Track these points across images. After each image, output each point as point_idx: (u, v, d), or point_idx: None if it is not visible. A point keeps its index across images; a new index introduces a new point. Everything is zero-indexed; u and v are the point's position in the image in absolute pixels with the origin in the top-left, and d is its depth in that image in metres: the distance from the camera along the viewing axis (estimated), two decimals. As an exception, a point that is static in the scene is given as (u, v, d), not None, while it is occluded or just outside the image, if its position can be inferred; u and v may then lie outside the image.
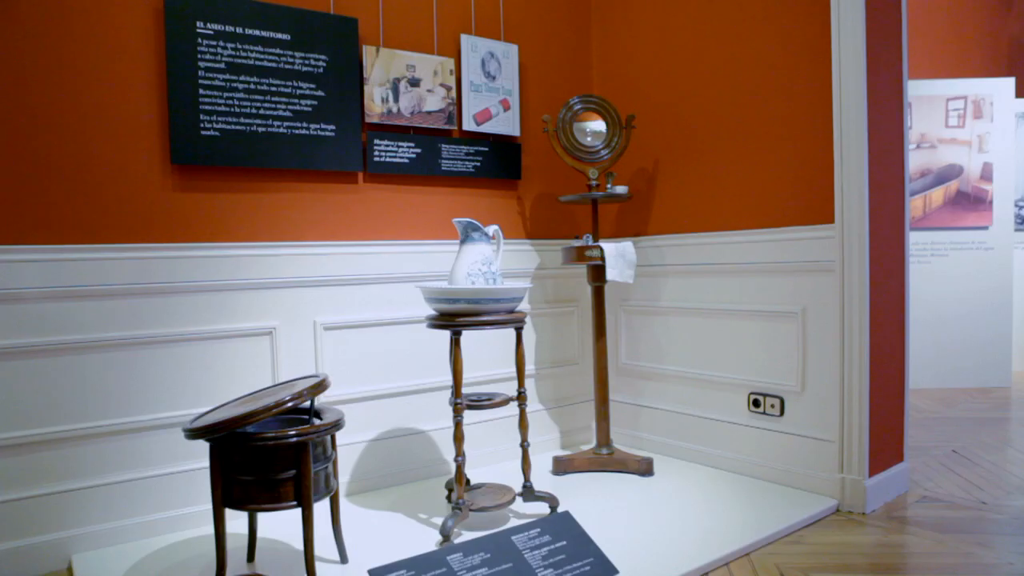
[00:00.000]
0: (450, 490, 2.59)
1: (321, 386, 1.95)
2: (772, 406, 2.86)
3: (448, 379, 3.03)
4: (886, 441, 2.72)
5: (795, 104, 2.76)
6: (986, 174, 4.94)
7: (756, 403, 2.92)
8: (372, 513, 2.63)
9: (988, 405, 4.41)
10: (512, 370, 3.22)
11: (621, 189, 2.98)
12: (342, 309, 2.82)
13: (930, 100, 4.93)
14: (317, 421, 1.99)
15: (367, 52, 2.84)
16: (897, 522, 2.50)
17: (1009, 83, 4.96)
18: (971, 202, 4.94)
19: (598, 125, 3.06)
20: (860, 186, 2.54)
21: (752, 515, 2.50)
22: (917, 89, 4.89)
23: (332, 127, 2.78)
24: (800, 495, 2.69)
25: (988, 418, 4.06)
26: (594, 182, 3.04)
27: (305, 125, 2.72)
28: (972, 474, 3.02)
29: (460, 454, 2.36)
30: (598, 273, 3.02)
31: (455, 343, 2.36)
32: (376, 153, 2.88)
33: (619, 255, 2.91)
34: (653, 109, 3.29)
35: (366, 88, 2.85)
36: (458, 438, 2.35)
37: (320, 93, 2.75)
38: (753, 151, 2.91)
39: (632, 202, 3.40)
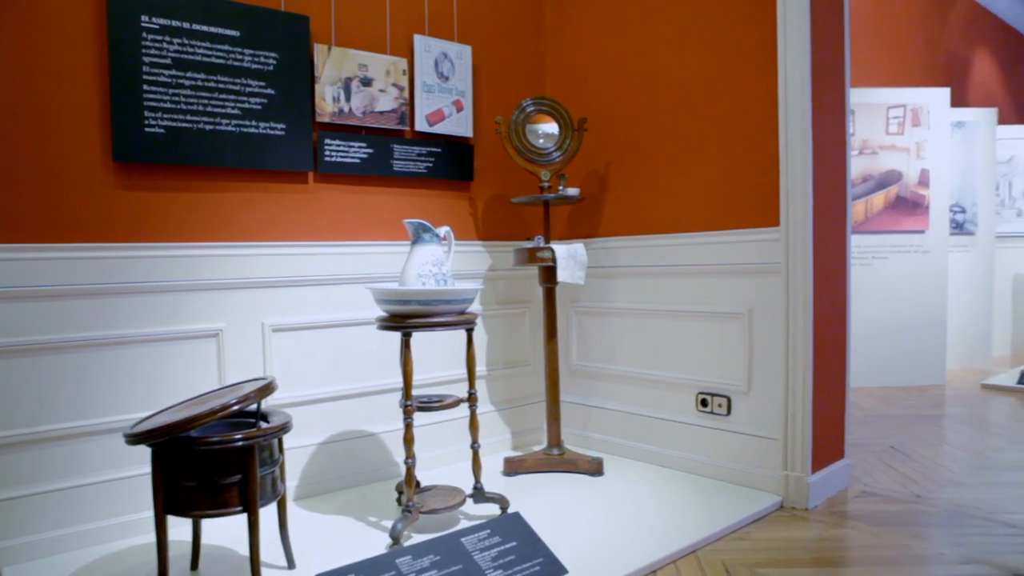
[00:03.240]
0: (400, 493, 2.58)
1: (268, 389, 1.92)
2: (720, 405, 2.92)
3: (399, 381, 3.01)
4: (828, 439, 2.80)
5: (743, 110, 2.82)
6: (923, 180, 5.12)
7: (704, 403, 2.98)
8: (321, 517, 2.60)
9: (924, 402, 4.57)
10: (463, 371, 3.21)
11: (573, 191, 3.01)
12: (291, 310, 2.78)
13: (872, 108, 5.08)
14: (264, 424, 1.96)
15: (318, 51, 2.81)
16: (838, 517, 2.57)
17: (945, 93, 5.15)
18: (909, 207, 5.12)
19: (550, 127, 3.09)
20: (804, 190, 2.61)
21: (700, 513, 2.55)
22: (860, 97, 5.04)
23: (282, 126, 2.74)
24: (746, 492, 2.75)
25: (924, 415, 4.21)
26: (546, 184, 3.06)
27: (254, 124, 2.67)
28: (908, 469, 3.12)
29: (410, 456, 2.35)
30: (549, 274, 3.04)
31: (405, 345, 2.35)
32: (327, 153, 2.85)
33: (570, 256, 2.93)
34: (605, 112, 3.33)
35: (317, 87, 2.82)
36: (408, 440, 2.34)
37: (270, 91, 2.71)
38: (703, 155, 2.97)
39: (584, 204, 3.43)
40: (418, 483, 2.55)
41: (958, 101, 6.84)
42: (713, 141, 2.92)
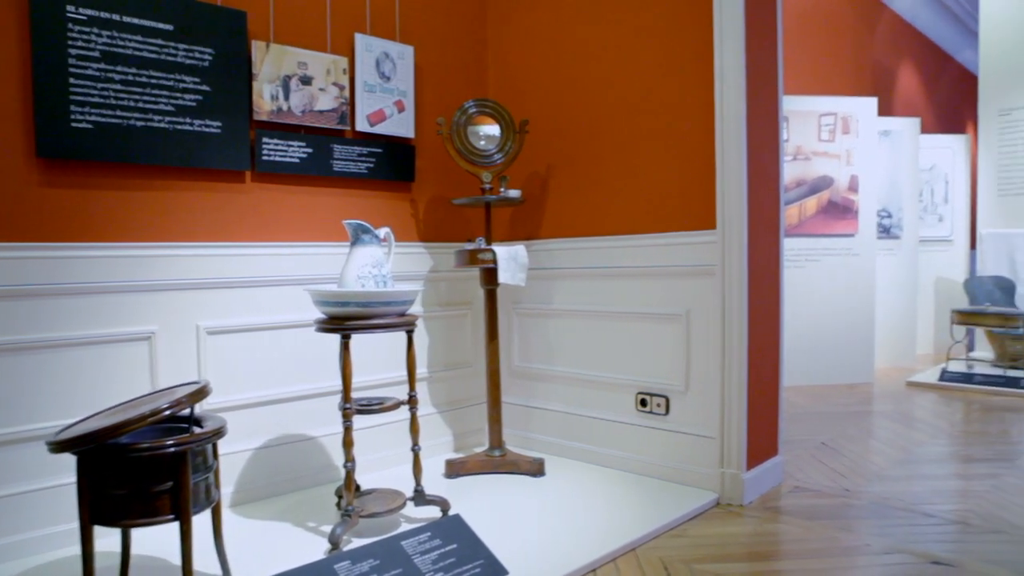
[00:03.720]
0: (340, 497, 2.54)
1: (202, 393, 1.87)
2: (658, 405, 2.98)
3: (339, 383, 2.97)
4: (763, 436, 2.88)
5: (681, 115, 2.88)
6: (853, 186, 5.31)
7: (643, 402, 3.03)
8: (258, 524, 2.55)
9: (854, 400, 4.74)
10: (405, 373, 3.19)
11: (514, 193, 3.02)
12: (228, 312, 2.72)
13: (805, 115, 5.25)
14: (198, 430, 1.90)
15: (256, 47, 2.76)
16: (771, 512, 2.64)
17: (872, 103, 5.36)
18: (840, 211, 5.30)
19: (492, 129, 3.09)
20: (740, 194, 2.68)
21: (638, 511, 2.59)
22: (794, 105, 5.20)
23: (218, 124, 2.67)
24: (684, 490, 2.80)
25: (854, 412, 4.36)
26: (487, 186, 3.06)
27: (189, 121, 2.60)
28: (838, 464, 3.23)
29: (350, 460, 2.32)
30: (490, 276, 3.05)
31: (344, 347, 2.32)
32: (265, 152, 2.80)
33: (511, 258, 2.94)
34: (547, 115, 3.35)
35: (255, 84, 2.76)
36: (347, 444, 2.31)
37: (205, 88, 2.64)
38: (642, 159, 3.02)
39: (525, 206, 3.45)
40: (358, 487, 2.52)
41: (884, 110, 7.13)
42: (652, 145, 2.98)
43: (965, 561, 2.19)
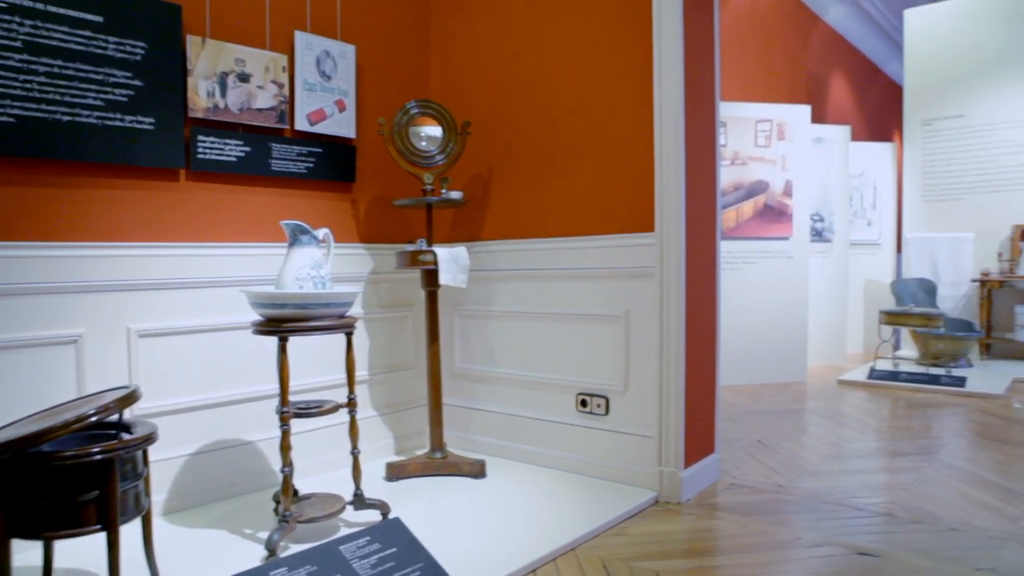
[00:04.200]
0: (277, 502, 2.49)
1: (131, 398, 1.81)
2: (598, 405, 3.01)
3: (277, 387, 2.91)
4: (700, 435, 2.94)
5: (622, 120, 2.92)
6: (788, 190, 5.47)
7: (584, 403, 3.06)
8: (193, 532, 2.48)
9: (787, 398, 4.88)
10: (345, 376, 3.15)
11: (456, 194, 3.02)
12: (161, 315, 2.64)
13: (742, 121, 5.39)
14: (127, 436, 1.84)
15: (191, 42, 2.68)
16: (708, 509, 2.70)
17: (806, 110, 5.53)
18: (775, 215, 5.46)
19: (434, 130, 3.08)
20: (678, 198, 2.73)
21: (579, 511, 2.62)
22: (732, 111, 5.33)
23: (151, 120, 2.59)
24: (623, 489, 2.84)
25: (787, 410, 4.50)
26: (429, 187, 3.05)
27: (119, 116, 2.52)
28: (772, 461, 3.33)
29: (287, 464, 2.28)
30: (432, 278, 3.04)
31: (282, 349, 2.28)
32: (200, 150, 2.73)
33: (452, 260, 2.94)
34: (490, 117, 3.36)
35: (190, 80, 2.69)
36: (285, 448, 2.28)
37: (137, 83, 2.56)
38: (583, 162, 3.05)
39: (467, 207, 3.45)
40: (296, 492, 2.48)
41: (817, 118, 7.38)
42: (593, 149, 3.01)
43: (889, 551, 2.28)
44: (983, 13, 6.37)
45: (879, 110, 9.98)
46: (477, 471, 3.03)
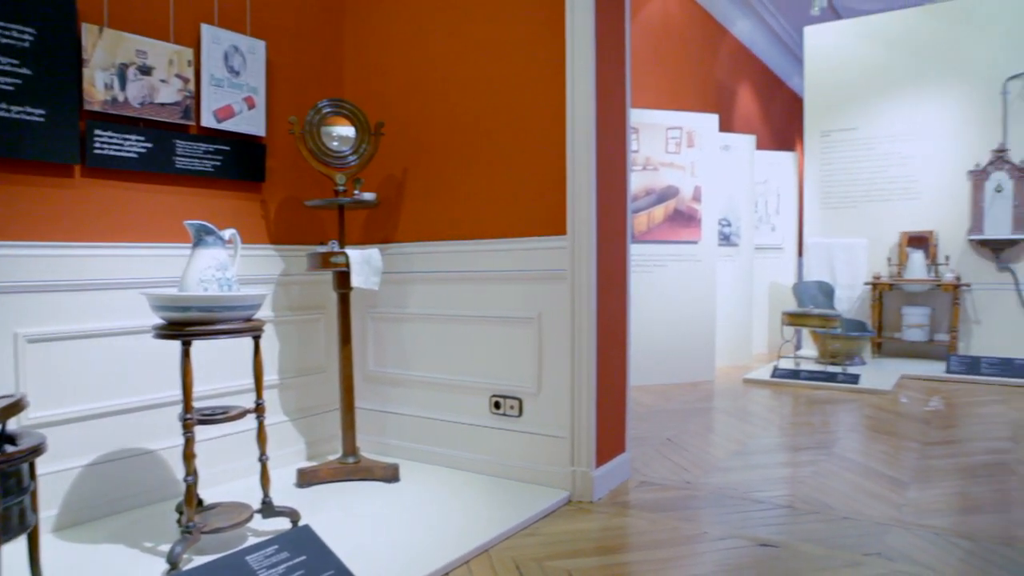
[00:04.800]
0: (180, 513, 2.40)
1: (16, 407, 1.70)
2: (512, 407, 3.03)
3: (181, 393, 2.80)
4: (611, 434, 3.00)
5: (535, 124, 2.95)
6: (697, 196, 5.66)
7: (497, 405, 3.08)
8: (87, 548, 2.35)
9: (696, 397, 5.04)
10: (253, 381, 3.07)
11: (369, 196, 2.98)
12: (53, 318, 2.49)
13: (654, 128, 5.53)
14: (10, 448, 1.74)
15: (87, 31, 2.55)
16: (620, 507, 2.76)
17: (714, 119, 5.74)
18: (685, 219, 5.63)
19: (346, 130, 3.03)
20: (589, 202, 2.79)
21: (492, 512, 2.63)
22: (644, 118, 5.47)
23: (41, 112, 2.45)
24: (537, 490, 2.87)
25: (696, 408, 4.64)
26: (341, 188, 3.00)
27: (5, 107, 2.37)
28: (681, 458, 3.43)
29: (191, 473, 2.20)
30: (344, 280, 2.99)
31: (185, 354, 2.19)
32: (97, 145, 2.60)
33: (365, 262, 2.90)
34: (404, 118, 3.33)
35: (86, 71, 2.55)
36: (188, 456, 2.19)
37: (26, 71, 2.41)
38: (497, 165, 3.07)
39: (381, 209, 3.41)
40: (200, 501, 2.40)
41: (725, 127, 7.66)
42: (507, 152, 3.03)
43: (788, 541, 2.39)
44: (875, 35, 6.77)
45: (782, 121, 10.46)
46: (391, 475, 3.00)
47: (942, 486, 2.97)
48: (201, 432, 2.81)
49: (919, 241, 6.46)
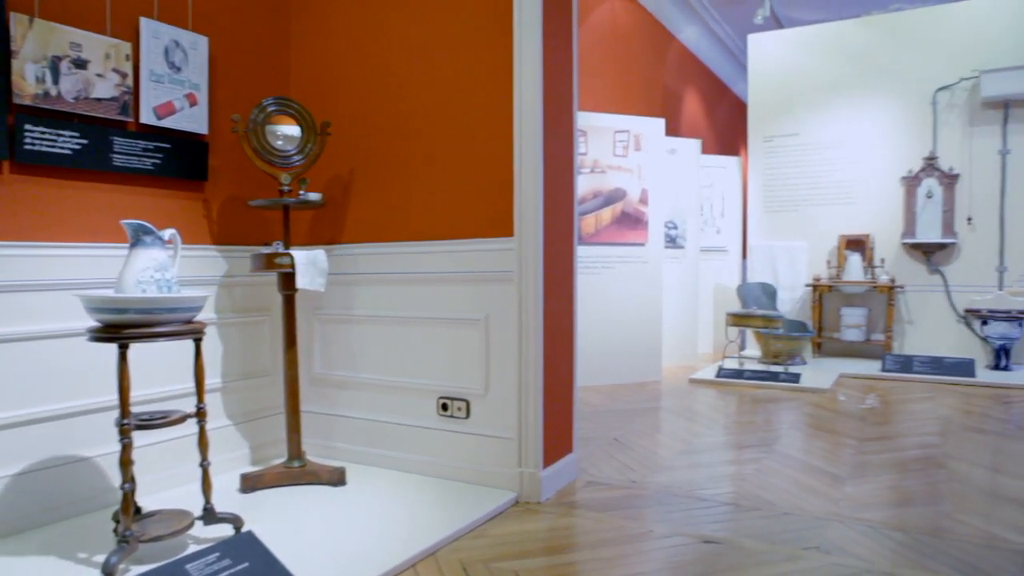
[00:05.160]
0: (117, 522, 2.32)
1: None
2: (459, 409, 3.03)
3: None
4: (558, 435, 3.02)
5: (484, 126, 2.95)
6: (644, 198, 5.74)
7: (445, 407, 3.07)
8: (17, 560, 2.26)
9: (644, 397, 5.11)
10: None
11: (314, 196, 2.94)
12: (-21, 321, 2.39)
13: (601, 131, 5.59)
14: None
15: (16, 20, 2.45)
16: (567, 507, 2.78)
17: (660, 123, 5.83)
18: (632, 222, 5.71)
19: (291, 130, 2.99)
20: (536, 204, 2.80)
21: (440, 515, 2.62)
22: (592, 121, 5.52)
23: (-34, 106, 2.35)
24: (485, 491, 2.87)
25: (643, 408, 4.71)
26: (286, 188, 2.95)
27: (-73, 101, 2.27)
28: (627, 458, 3.47)
29: (128, 480, 2.13)
30: (288, 281, 2.94)
31: (122, 358, 2.13)
32: (28, 140, 2.50)
33: (310, 263, 2.86)
34: (351, 117, 3.30)
35: (14, 63, 2.45)
36: (125, 463, 2.13)
37: (-51, 64, 2.31)
38: (445, 166, 3.06)
39: (327, 209, 3.37)
40: (139, 509, 2.33)
41: (672, 131, 7.79)
42: (455, 153, 3.03)
43: (730, 538, 2.44)
44: (815, 45, 6.97)
45: (727, 126, 10.68)
46: (337, 479, 2.96)
47: (876, 481, 3.08)
48: (140, 438, 2.74)
49: (856, 244, 6.67)
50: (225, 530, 2.44)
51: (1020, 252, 6.16)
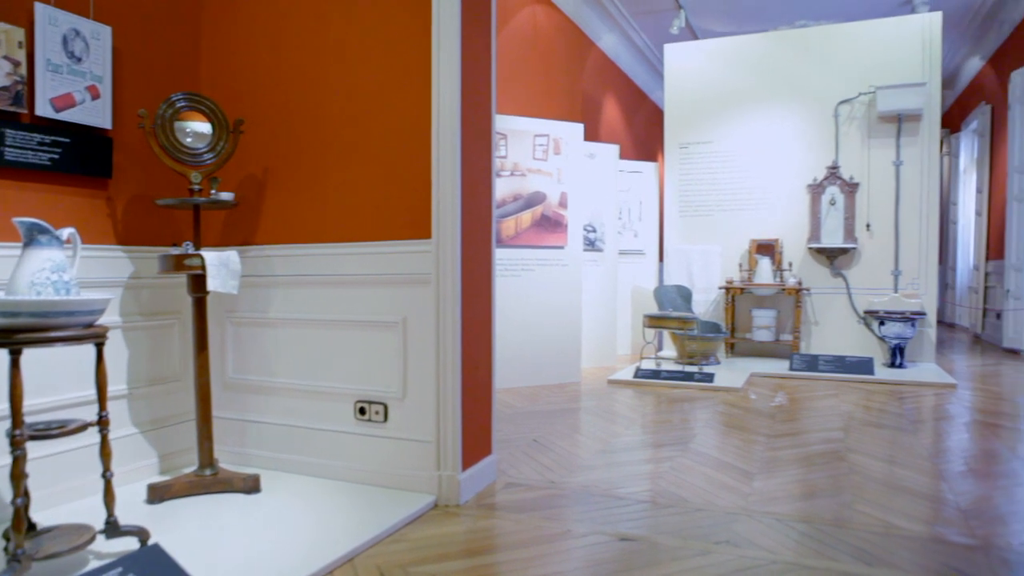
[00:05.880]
0: (8, 539, 2.18)
1: None
2: (377, 413, 2.99)
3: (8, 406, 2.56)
4: (477, 437, 3.02)
5: (402, 126, 2.93)
6: (563, 202, 5.81)
7: (362, 411, 3.02)
8: None
9: (563, 398, 5.17)
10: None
11: (227, 196, 2.85)
12: None
13: (521, 135, 5.63)
14: None
15: None
16: (486, 509, 2.78)
17: (579, 128, 5.92)
18: (552, 225, 5.77)
19: (202, 127, 2.88)
20: (454, 206, 2.80)
21: (357, 520, 2.57)
22: (512, 124, 5.56)
23: None
24: (403, 495, 2.84)
25: (563, 409, 4.76)
26: (197, 187, 2.85)
27: None
28: (547, 459, 3.50)
29: (20, 495, 2.01)
30: (199, 283, 2.84)
31: (14, 364, 2.00)
32: (-92, 132, 2.33)
33: (222, 264, 2.77)
34: (265, 116, 3.21)
35: None
36: (16, 476, 2.00)
37: None
38: (363, 167, 3.02)
39: (240, 210, 3.27)
40: (33, 525, 2.20)
41: (591, 136, 7.93)
42: (373, 155, 2.99)
43: (647, 535, 2.49)
44: (728, 56, 7.23)
45: (645, 132, 10.95)
46: (251, 486, 2.88)
47: (784, 475, 3.21)
48: (37, 449, 2.59)
49: (766, 249, 6.95)
50: (130, 544, 2.33)
51: (913, 257, 6.55)
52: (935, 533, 2.52)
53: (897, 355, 6.24)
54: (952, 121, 11.17)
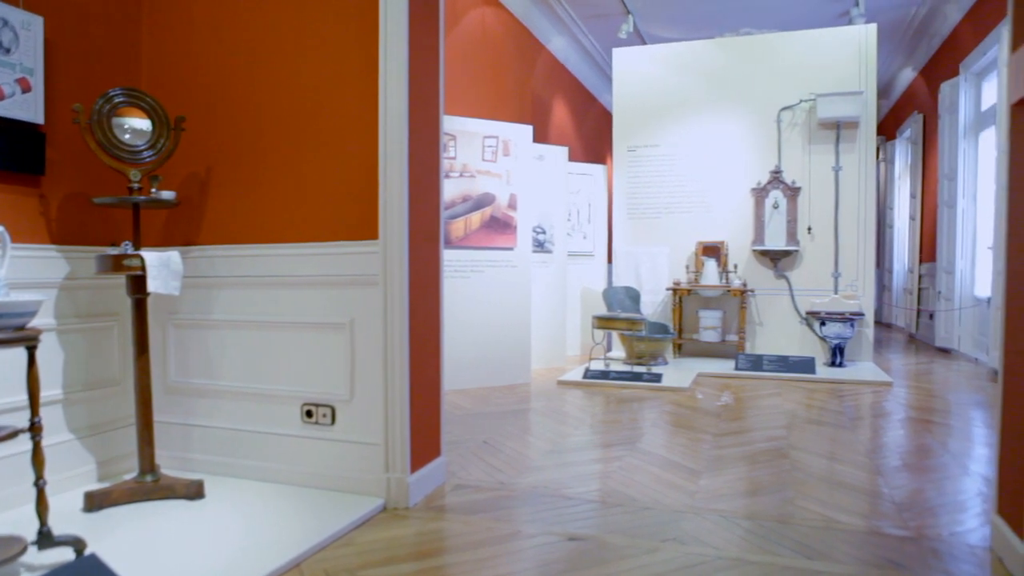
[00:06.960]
0: (-67, 551, 2.09)
1: None
2: (324, 415, 2.95)
3: (-64, 413, 2.45)
4: (426, 439, 3.00)
5: (349, 127, 2.89)
6: (512, 203, 5.82)
7: (309, 414, 2.98)
8: None
9: (514, 399, 5.18)
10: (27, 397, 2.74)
11: (168, 195, 2.78)
12: None
13: (471, 136, 5.63)
14: None
15: None
16: (436, 511, 2.77)
17: (528, 130, 5.94)
18: (501, 226, 5.78)
19: (141, 123, 2.80)
20: (401, 207, 2.78)
21: (304, 525, 2.54)
22: (461, 125, 5.54)
23: None
24: (351, 499, 2.81)
25: (513, 410, 4.77)
26: (136, 185, 2.77)
27: None
28: (496, 460, 3.50)
29: (-55, 505, 1.92)
30: (139, 284, 2.76)
31: (-61, 368, 1.92)
32: None
33: (163, 265, 2.70)
34: (208, 113, 3.14)
35: None
36: (-58, 485, 1.91)
37: None
38: (309, 167, 2.97)
39: (183, 209, 3.19)
40: (-41, 536, 2.10)
41: (540, 138, 7.97)
42: (319, 154, 2.95)
43: (595, 534, 2.51)
44: (674, 61, 7.35)
45: (594, 135, 11.05)
46: (194, 492, 2.81)
47: (729, 473, 3.27)
48: (-39, 457, 2.48)
49: (712, 250, 7.08)
50: (66, 554, 2.25)
51: (851, 259, 6.76)
52: (871, 526, 2.60)
53: (837, 354, 6.43)
54: (888, 129, 11.59)
